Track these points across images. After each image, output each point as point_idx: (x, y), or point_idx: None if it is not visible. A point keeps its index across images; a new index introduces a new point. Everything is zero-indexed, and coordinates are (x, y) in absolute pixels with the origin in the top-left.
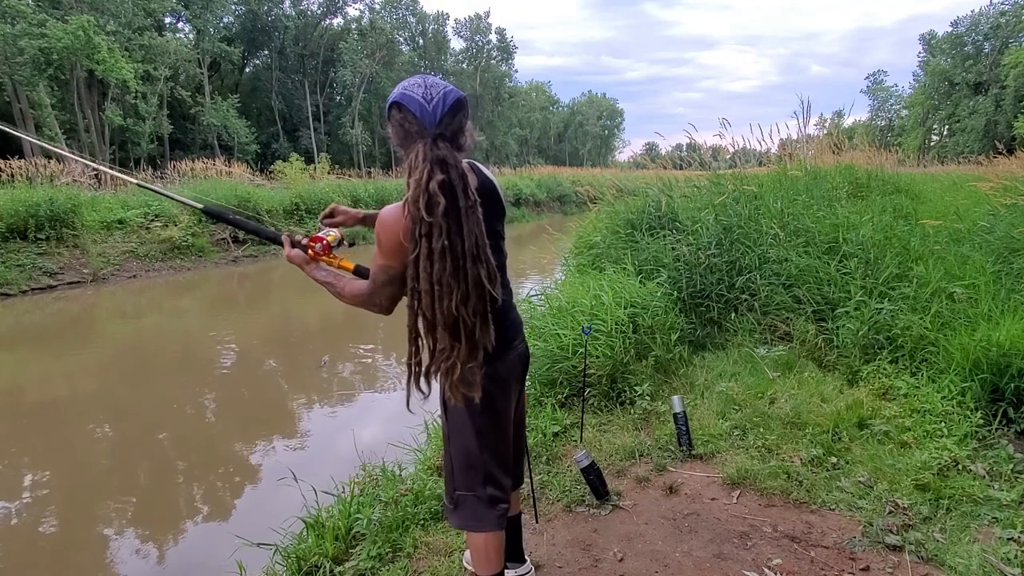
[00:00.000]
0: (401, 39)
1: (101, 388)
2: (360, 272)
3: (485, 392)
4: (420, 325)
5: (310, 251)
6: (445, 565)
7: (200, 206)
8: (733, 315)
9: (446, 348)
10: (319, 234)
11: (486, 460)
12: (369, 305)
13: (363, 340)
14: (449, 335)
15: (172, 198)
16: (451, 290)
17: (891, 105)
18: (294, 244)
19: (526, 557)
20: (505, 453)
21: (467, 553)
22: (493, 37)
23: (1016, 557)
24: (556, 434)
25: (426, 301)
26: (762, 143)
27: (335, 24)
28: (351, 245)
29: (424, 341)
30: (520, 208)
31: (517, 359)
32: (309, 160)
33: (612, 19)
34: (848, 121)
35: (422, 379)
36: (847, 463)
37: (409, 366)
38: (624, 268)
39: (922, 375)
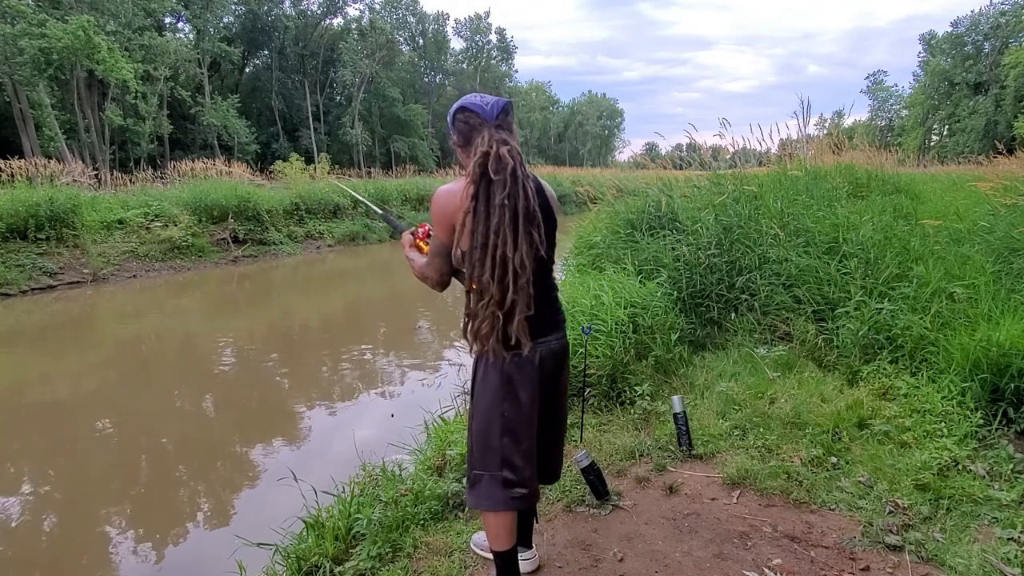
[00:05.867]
0: (401, 39)
1: (101, 388)
2: None
3: (508, 378)
4: (474, 284)
5: (416, 238)
6: (445, 565)
7: (380, 212)
8: (733, 315)
9: (493, 297)
10: (425, 223)
11: (505, 444)
12: (424, 277)
13: (362, 340)
14: (499, 284)
15: (366, 203)
16: (506, 240)
17: (891, 105)
18: (411, 233)
19: (533, 545)
20: (527, 443)
21: (475, 536)
22: (493, 37)
23: (1016, 557)
24: None
25: (480, 253)
26: (762, 143)
27: (335, 24)
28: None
29: (477, 299)
30: None
31: (549, 355)
32: (309, 160)
33: (608, 19)
34: (848, 121)
35: (472, 337)
36: (847, 463)
37: (465, 325)
38: (624, 268)
39: (922, 375)
